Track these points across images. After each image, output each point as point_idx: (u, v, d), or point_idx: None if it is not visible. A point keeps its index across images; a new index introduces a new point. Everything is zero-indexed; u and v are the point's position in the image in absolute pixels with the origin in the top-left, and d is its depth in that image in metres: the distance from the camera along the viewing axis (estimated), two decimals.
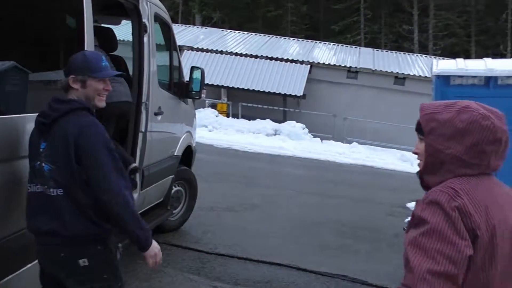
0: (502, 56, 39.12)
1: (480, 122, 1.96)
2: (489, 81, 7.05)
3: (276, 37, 30.13)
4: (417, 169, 2.11)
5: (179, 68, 6.63)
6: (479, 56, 41.32)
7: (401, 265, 6.20)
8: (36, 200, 2.80)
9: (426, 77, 23.83)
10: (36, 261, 2.99)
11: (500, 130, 1.97)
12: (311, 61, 25.22)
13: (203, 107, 22.24)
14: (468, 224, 1.81)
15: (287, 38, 31.28)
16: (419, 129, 2.04)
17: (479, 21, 45.18)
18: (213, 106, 23.66)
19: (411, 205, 10.40)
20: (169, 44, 6.37)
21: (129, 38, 5.60)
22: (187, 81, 6.61)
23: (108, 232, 2.87)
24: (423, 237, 1.83)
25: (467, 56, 40.15)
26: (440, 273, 1.75)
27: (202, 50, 25.46)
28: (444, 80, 7.17)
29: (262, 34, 30.57)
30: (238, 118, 22.72)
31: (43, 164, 2.77)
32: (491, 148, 1.96)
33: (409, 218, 6.72)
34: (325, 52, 27.24)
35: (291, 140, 19.84)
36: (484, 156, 1.95)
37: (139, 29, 5.16)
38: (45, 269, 2.93)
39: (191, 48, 25.22)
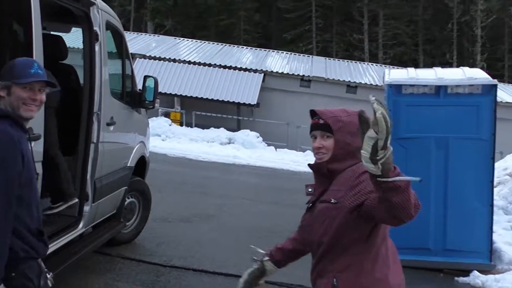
0: (449, 64, 40.31)
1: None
2: (439, 90, 7.22)
3: (229, 45, 30.18)
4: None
5: (132, 77, 6.50)
6: (427, 64, 42.50)
7: None
8: None
9: (377, 85, 24.30)
10: None
11: None
12: (264, 69, 25.34)
13: (156, 116, 22.00)
14: None
15: (240, 46, 31.38)
16: (324, 128, 2.57)
17: (426, 30, 46.44)
18: (167, 115, 23.43)
19: None
20: (122, 53, 6.24)
21: (80, 45, 5.46)
22: (140, 90, 6.49)
23: (21, 258, 2.56)
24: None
25: (415, 64, 41.19)
26: None
27: (154, 58, 25.23)
28: (396, 89, 7.30)
29: (215, 43, 30.56)
30: (191, 127, 22.57)
31: None
32: None
33: None
34: (278, 61, 27.44)
35: (245, 149, 19.82)
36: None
37: (90, 37, 5.03)
38: None
39: (144, 56, 24.96)
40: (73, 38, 10.02)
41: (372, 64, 30.83)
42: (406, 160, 7.28)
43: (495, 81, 7.27)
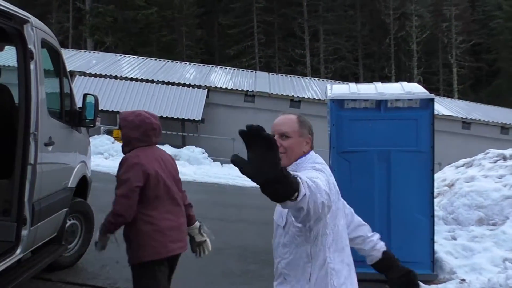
0: (388, 78, 41.45)
1: (145, 120, 4.18)
2: (380, 104, 7.34)
3: (172, 61, 30.02)
4: None
5: (71, 95, 6.32)
6: (367, 78, 43.57)
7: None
8: None
9: (320, 99, 24.67)
10: None
11: (154, 123, 4.22)
12: (208, 85, 25.32)
13: (98, 133, 21.55)
14: (144, 170, 4.01)
15: (183, 62, 31.25)
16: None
17: (365, 45, 47.66)
18: (109, 132, 22.99)
19: None
20: (59, 71, 6.06)
21: (14, 63, 5.27)
22: (79, 108, 6.32)
23: None
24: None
25: (356, 78, 42.17)
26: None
27: (95, 75, 24.78)
28: (338, 104, 7.38)
29: (158, 59, 30.33)
30: None
31: None
32: (152, 132, 4.19)
33: None
34: (222, 76, 27.48)
35: (190, 165, 19.67)
36: (149, 137, 4.19)
37: (24, 56, 4.86)
38: None
39: (84, 74, 24.48)
40: (7, 56, 9.71)
41: (314, 79, 31.31)
42: (350, 173, 7.37)
43: (432, 95, 7.46)
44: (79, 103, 6.50)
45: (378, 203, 7.30)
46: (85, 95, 6.22)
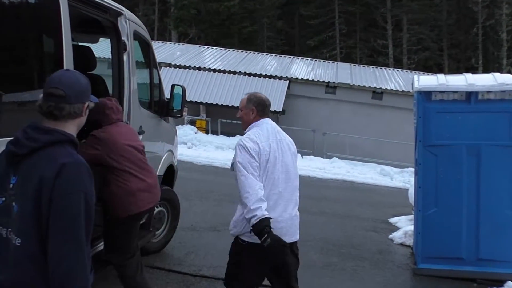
0: (474, 69, 39.78)
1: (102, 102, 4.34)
2: (470, 96, 7.08)
3: (254, 53, 30.17)
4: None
5: (160, 86, 6.50)
6: (452, 69, 42.03)
7: (387, 283, 6.09)
8: None
9: (403, 91, 24.04)
10: None
11: (109, 103, 4.48)
12: (289, 76, 25.25)
13: (182, 124, 22.07)
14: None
15: (265, 53, 31.34)
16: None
17: (450, 35, 45.93)
18: (192, 122, 23.49)
19: (394, 220, 10.38)
20: (149, 62, 6.25)
21: (106, 55, 5.47)
22: (167, 99, 6.48)
23: None
24: None
25: (440, 69, 40.79)
26: None
27: (179, 66, 25.33)
28: (425, 95, 7.19)
29: (239, 50, 30.58)
30: (217, 134, 22.59)
31: (13, 204, 2.28)
32: (109, 111, 4.45)
33: (392, 234, 6.89)
34: (303, 68, 27.33)
35: None
36: (107, 116, 4.46)
37: (118, 48, 5.04)
38: None
39: (169, 65, 25.09)
40: (100, 48, 10.09)
41: (397, 70, 30.52)
42: (436, 167, 7.17)
43: None
44: (166, 94, 6.68)
45: (467, 198, 7.06)
46: (173, 86, 6.37)
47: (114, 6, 4.88)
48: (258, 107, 4.13)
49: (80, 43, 5.69)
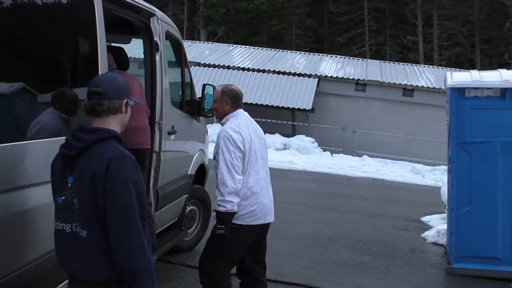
0: (507, 65, 38.99)
1: None
2: (505, 92, 6.96)
3: (282, 51, 30.10)
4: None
5: (191, 85, 6.54)
6: (484, 65, 41.28)
7: (420, 282, 6.03)
8: (63, 239, 2.63)
9: (434, 88, 23.72)
10: None
11: None
12: (318, 74, 25.14)
13: (212, 122, 22.16)
14: None
15: (293, 51, 31.24)
16: None
17: (482, 30, 45.08)
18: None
19: (426, 219, 10.26)
20: (181, 62, 6.30)
21: (135, 55, 5.52)
22: (199, 98, 6.52)
23: None
24: None
25: (472, 65, 40.07)
26: None
27: (208, 65, 25.44)
28: (459, 92, 7.09)
29: (268, 48, 30.55)
30: None
31: (74, 200, 2.57)
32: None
33: (425, 233, 6.87)
34: (332, 65, 27.17)
35: (300, 154, 19.71)
36: None
37: (150, 48, 5.09)
38: None
39: (198, 64, 25.21)
40: (132, 48, 10.20)
41: (428, 66, 30.11)
42: (470, 165, 7.07)
43: None
44: (197, 93, 6.72)
45: (502, 197, 6.94)
46: (204, 85, 6.39)
47: (147, 7, 4.93)
48: (233, 100, 4.38)
49: (113, 44, 5.78)
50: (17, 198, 2.86)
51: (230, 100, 4.36)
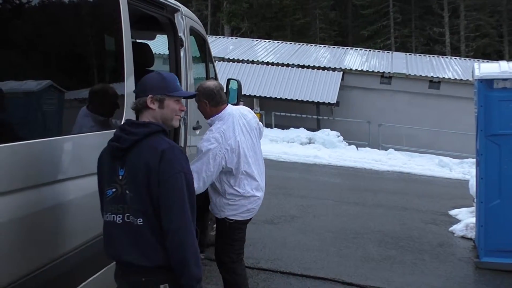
0: None
1: None
2: None
3: (306, 44, 30.00)
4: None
5: (216, 80, 6.54)
6: None
7: (449, 277, 5.96)
8: (115, 229, 2.73)
9: (461, 80, 23.40)
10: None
11: None
12: (343, 67, 25.00)
13: None
14: None
15: (317, 45, 31.12)
16: None
17: (511, 20, 44.27)
18: None
19: (454, 212, 10.13)
20: (205, 57, 6.31)
21: (161, 51, 5.55)
22: None
23: None
24: None
25: (500, 56, 39.44)
26: None
27: (232, 60, 25.50)
28: (487, 84, 6.97)
29: (292, 42, 30.49)
30: (271, 127, 22.62)
31: (126, 191, 2.69)
32: None
33: (453, 227, 6.77)
34: (357, 58, 26.99)
35: (326, 149, 19.63)
36: None
37: (175, 43, 5.11)
38: None
39: (222, 59, 25.27)
40: (157, 44, 10.26)
41: (454, 58, 29.71)
42: (499, 157, 6.96)
43: None
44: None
45: None
46: (228, 80, 6.39)
47: (171, 3, 4.95)
48: (208, 99, 4.21)
49: (138, 40, 5.82)
50: (52, 193, 2.95)
51: (207, 100, 4.22)
